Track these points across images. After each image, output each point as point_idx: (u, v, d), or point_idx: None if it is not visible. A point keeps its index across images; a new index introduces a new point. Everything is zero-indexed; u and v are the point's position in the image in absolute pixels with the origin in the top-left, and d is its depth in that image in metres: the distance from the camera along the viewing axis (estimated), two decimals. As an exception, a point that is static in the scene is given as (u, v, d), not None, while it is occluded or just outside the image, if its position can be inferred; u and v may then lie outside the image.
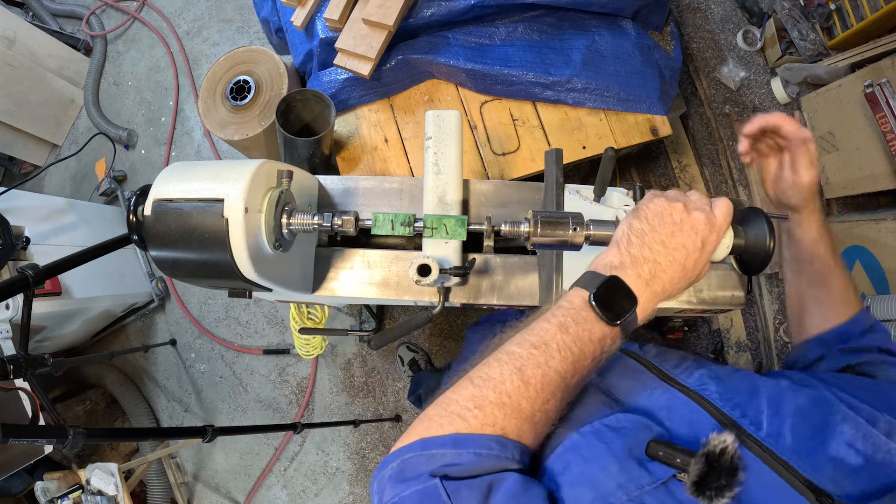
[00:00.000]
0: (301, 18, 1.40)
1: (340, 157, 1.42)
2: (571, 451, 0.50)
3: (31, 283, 1.04)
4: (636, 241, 0.52)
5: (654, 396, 0.58)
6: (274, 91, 1.58)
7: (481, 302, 0.91)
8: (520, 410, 0.47)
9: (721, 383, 0.58)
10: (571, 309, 0.50)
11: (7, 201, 1.85)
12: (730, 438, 0.44)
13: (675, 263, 0.52)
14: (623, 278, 0.50)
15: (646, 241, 0.52)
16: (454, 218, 0.77)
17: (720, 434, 0.44)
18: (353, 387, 2.28)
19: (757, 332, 1.99)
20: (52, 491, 1.76)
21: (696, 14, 2.13)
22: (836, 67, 1.77)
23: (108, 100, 2.72)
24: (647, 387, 0.60)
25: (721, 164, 2.06)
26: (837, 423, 0.50)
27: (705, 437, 0.45)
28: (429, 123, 0.89)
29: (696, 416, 0.54)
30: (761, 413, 0.53)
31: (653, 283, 0.51)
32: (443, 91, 1.44)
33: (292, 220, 0.77)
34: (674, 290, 0.53)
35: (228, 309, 2.42)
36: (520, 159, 1.38)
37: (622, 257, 0.52)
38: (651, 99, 1.40)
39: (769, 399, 0.54)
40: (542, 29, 1.37)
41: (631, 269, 0.51)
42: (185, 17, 2.71)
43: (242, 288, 0.81)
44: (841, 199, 1.88)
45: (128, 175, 2.60)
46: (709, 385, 0.58)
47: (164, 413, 2.44)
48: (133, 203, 0.76)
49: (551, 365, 0.48)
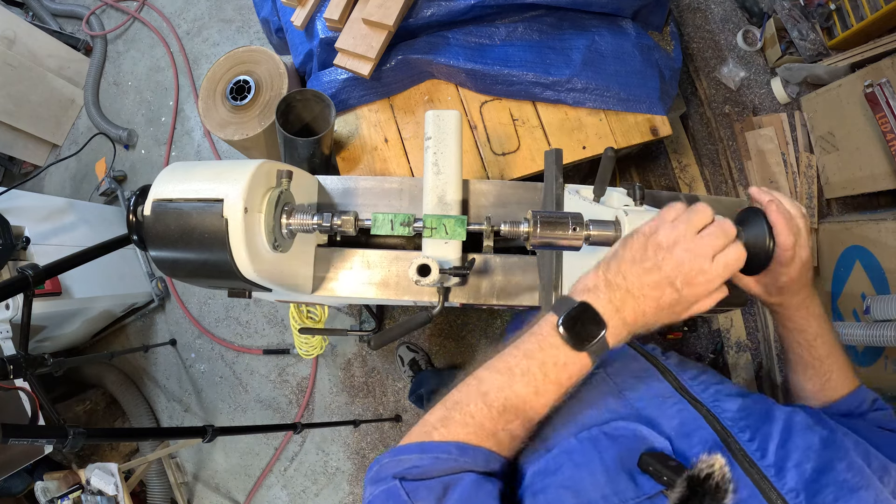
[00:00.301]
0: (301, 18, 1.40)
1: (340, 157, 1.42)
2: (565, 454, 0.52)
3: (31, 283, 1.05)
4: (614, 267, 0.52)
5: (666, 406, 0.58)
6: (274, 91, 1.58)
7: (481, 302, 0.91)
8: (482, 428, 0.50)
9: (737, 402, 0.57)
10: (539, 335, 0.52)
11: (7, 201, 1.85)
12: (718, 463, 0.43)
13: (649, 298, 0.51)
14: (594, 303, 0.50)
15: (622, 269, 0.52)
16: (454, 218, 0.77)
17: (710, 457, 0.44)
18: (353, 387, 2.28)
19: (757, 332, 1.99)
20: (52, 491, 1.76)
21: (696, 14, 2.13)
22: (836, 67, 1.77)
23: (108, 100, 2.72)
24: (661, 395, 0.60)
25: (721, 164, 2.06)
26: (842, 470, 0.49)
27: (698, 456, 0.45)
28: (429, 123, 0.89)
29: (703, 433, 0.53)
30: (771, 440, 0.52)
31: (623, 310, 0.51)
32: (443, 91, 1.44)
33: (292, 220, 0.77)
34: (648, 322, 0.52)
35: (228, 309, 2.42)
36: (520, 159, 1.38)
37: (598, 280, 0.52)
38: (651, 99, 1.40)
39: (783, 428, 0.53)
40: (542, 29, 1.37)
41: (604, 294, 0.51)
42: (185, 17, 2.71)
43: (242, 288, 0.81)
44: (841, 199, 1.88)
45: (128, 175, 2.60)
46: (724, 402, 0.58)
47: (164, 413, 2.44)
48: (133, 203, 0.76)
49: (514, 389, 0.51)
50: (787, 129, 1.96)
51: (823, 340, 0.68)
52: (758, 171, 1.93)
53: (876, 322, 1.43)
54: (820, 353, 0.68)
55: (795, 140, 1.95)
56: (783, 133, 1.96)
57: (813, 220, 1.86)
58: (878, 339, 1.40)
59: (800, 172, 1.91)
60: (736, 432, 0.53)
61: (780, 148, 1.94)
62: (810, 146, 1.93)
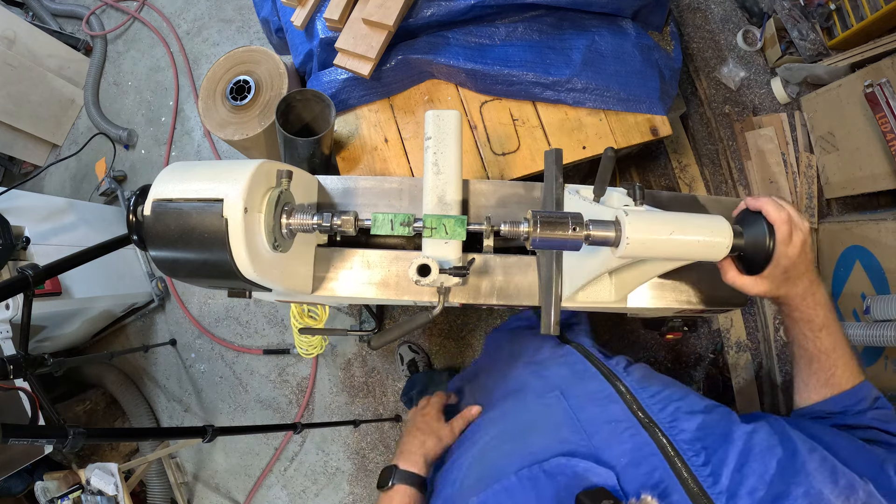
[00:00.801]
0: (301, 18, 1.40)
1: (340, 157, 1.42)
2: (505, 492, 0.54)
3: (31, 283, 1.04)
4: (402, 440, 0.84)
5: (619, 431, 0.58)
6: (274, 91, 1.58)
7: (481, 302, 0.91)
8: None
9: (696, 420, 0.57)
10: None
11: (7, 201, 1.85)
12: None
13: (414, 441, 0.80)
14: (395, 461, 0.78)
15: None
16: (453, 218, 0.77)
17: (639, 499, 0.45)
18: (353, 387, 2.28)
19: (757, 332, 1.99)
20: (52, 491, 1.76)
21: (696, 14, 2.13)
22: (836, 67, 1.77)
23: (108, 100, 2.72)
24: (615, 419, 0.60)
25: (721, 163, 2.06)
26: (799, 496, 0.48)
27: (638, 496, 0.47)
28: (428, 123, 0.89)
29: (653, 461, 0.54)
30: (725, 465, 0.52)
31: (402, 455, 0.78)
32: (443, 91, 1.44)
33: (292, 219, 0.77)
34: (419, 453, 0.78)
35: (228, 309, 2.42)
36: (520, 159, 1.38)
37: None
38: (651, 99, 1.40)
39: (741, 451, 0.53)
40: (542, 29, 1.37)
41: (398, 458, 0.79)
42: (185, 17, 2.71)
43: (242, 288, 0.81)
44: (841, 199, 1.88)
45: (128, 175, 2.60)
46: (682, 422, 0.57)
47: (164, 413, 2.44)
48: (133, 203, 0.76)
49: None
50: (787, 129, 1.96)
51: (829, 332, 0.67)
52: (758, 171, 1.93)
53: (876, 322, 1.43)
54: (826, 345, 0.67)
55: (795, 140, 1.95)
56: (783, 133, 1.96)
57: (813, 219, 1.86)
58: (878, 339, 1.40)
59: (800, 172, 1.91)
60: (690, 456, 0.53)
61: (780, 148, 1.94)
62: (810, 146, 1.93)
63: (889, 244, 1.55)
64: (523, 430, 0.66)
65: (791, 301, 0.67)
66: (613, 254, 0.66)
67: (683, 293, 0.93)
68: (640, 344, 2.11)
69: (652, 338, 2.11)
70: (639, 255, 0.65)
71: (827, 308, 0.67)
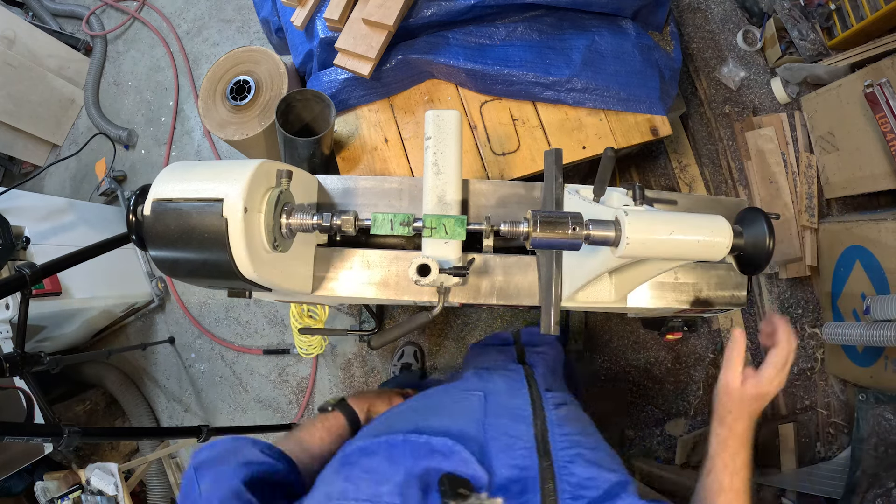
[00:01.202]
0: (301, 18, 1.40)
1: (340, 157, 1.42)
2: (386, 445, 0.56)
3: (28, 282, 1.04)
4: None
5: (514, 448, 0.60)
6: (274, 91, 1.58)
7: (481, 302, 0.91)
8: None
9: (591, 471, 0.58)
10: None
11: (7, 201, 1.85)
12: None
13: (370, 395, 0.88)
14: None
15: None
16: (453, 218, 0.77)
17: (490, 498, 0.47)
18: (353, 387, 2.28)
19: (757, 333, 1.99)
20: (52, 491, 1.76)
21: (696, 14, 2.13)
22: (836, 67, 1.77)
23: (108, 100, 2.72)
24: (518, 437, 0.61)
25: (721, 163, 2.06)
26: None
27: (493, 496, 0.48)
28: (428, 123, 0.89)
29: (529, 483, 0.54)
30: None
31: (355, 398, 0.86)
32: (443, 91, 1.44)
33: (291, 219, 0.77)
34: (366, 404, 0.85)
35: (228, 309, 2.42)
36: (520, 159, 1.38)
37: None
38: (651, 99, 1.40)
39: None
40: (542, 29, 1.37)
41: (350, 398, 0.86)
42: (185, 17, 2.71)
43: (242, 288, 0.81)
44: (841, 199, 1.88)
45: (128, 175, 2.60)
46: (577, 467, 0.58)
47: (164, 413, 2.44)
48: (133, 203, 0.76)
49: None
50: (787, 129, 1.96)
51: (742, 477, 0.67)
52: (758, 171, 1.93)
53: (876, 322, 1.43)
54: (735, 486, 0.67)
55: (795, 140, 1.95)
56: (783, 133, 1.96)
57: (813, 220, 1.86)
58: (878, 339, 1.40)
59: (800, 172, 1.91)
60: (565, 498, 0.53)
61: (780, 148, 1.94)
62: (810, 146, 1.93)
63: (889, 244, 1.55)
64: (434, 408, 0.70)
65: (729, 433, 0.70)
66: (613, 253, 0.66)
67: (683, 293, 0.93)
68: (640, 344, 2.11)
69: (652, 338, 2.10)
70: (639, 255, 0.65)
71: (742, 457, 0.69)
